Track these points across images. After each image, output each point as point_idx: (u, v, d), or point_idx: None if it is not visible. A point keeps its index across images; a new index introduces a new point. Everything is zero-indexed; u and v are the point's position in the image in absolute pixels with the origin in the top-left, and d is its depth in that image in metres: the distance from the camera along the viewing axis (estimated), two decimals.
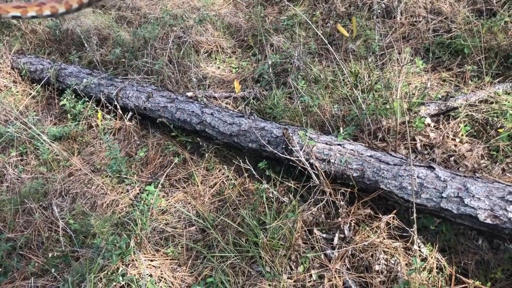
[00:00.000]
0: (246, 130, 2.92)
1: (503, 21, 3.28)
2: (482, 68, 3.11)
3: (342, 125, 2.94)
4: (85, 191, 3.15)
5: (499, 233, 1.96)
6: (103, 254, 2.51)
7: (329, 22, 4.19)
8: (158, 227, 2.77)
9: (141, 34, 4.44)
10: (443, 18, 3.68)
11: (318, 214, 2.55)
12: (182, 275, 2.47)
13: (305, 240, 2.46)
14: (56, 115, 4.11)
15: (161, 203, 2.94)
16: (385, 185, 2.30)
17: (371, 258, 2.27)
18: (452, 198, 2.06)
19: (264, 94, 3.56)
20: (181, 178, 3.13)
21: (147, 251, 2.59)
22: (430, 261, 2.18)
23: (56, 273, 2.57)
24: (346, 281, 2.22)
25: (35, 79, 4.47)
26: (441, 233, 2.30)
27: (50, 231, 2.90)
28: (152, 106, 3.50)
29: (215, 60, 4.31)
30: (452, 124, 2.84)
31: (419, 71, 3.33)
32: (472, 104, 2.90)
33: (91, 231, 2.74)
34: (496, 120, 2.75)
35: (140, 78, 4.01)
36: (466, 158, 2.63)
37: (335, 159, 2.51)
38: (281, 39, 4.09)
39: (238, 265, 2.42)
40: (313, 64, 3.63)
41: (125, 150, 3.48)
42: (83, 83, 3.95)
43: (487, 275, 2.12)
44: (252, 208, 2.67)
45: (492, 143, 2.66)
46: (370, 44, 3.64)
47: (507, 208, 1.92)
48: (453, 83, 3.21)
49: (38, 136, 3.47)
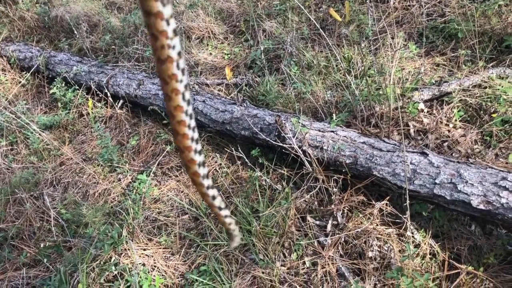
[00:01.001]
0: (239, 118, 2.89)
1: (497, 4, 3.25)
2: (476, 53, 3.09)
3: (335, 111, 2.92)
4: (76, 181, 3.12)
5: (492, 218, 1.96)
6: (95, 244, 2.49)
7: (322, 7, 4.13)
8: (150, 216, 2.75)
9: (132, 20, 4.37)
10: (436, 2, 3.64)
11: (311, 201, 2.54)
12: (175, 264, 2.46)
13: (298, 227, 2.45)
14: (46, 103, 4.06)
15: (153, 191, 2.92)
16: (378, 171, 2.29)
17: (364, 244, 2.26)
18: (445, 184, 2.05)
19: (256, 81, 3.52)
20: (173, 167, 3.10)
21: (139, 240, 2.58)
22: (423, 247, 2.18)
23: (48, 263, 2.56)
24: (340, 268, 2.22)
25: (24, 67, 4.40)
26: (434, 219, 2.30)
27: (41, 221, 2.87)
28: (143, 94, 3.45)
29: (207, 46, 4.26)
30: (445, 109, 2.83)
31: (412, 56, 3.30)
32: (466, 89, 2.88)
33: (83, 221, 2.72)
34: (490, 105, 2.73)
35: (130, 65, 3.96)
36: (460, 143, 2.62)
37: (328, 146, 2.49)
38: (273, 25, 4.04)
39: (231, 253, 2.41)
40: (306, 49, 3.59)
41: (116, 139, 3.45)
42: (73, 71, 3.90)
43: (479, 260, 2.12)
44: (245, 196, 2.65)
45: (485, 128, 2.65)
46: (363, 29, 3.60)
47: (500, 194, 1.91)
48: (447, 68, 3.18)
49: (28, 125, 3.42)
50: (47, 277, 2.50)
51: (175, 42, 0.52)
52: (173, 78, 0.54)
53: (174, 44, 0.52)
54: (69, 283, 2.37)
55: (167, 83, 0.54)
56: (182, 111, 0.58)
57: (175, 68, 0.53)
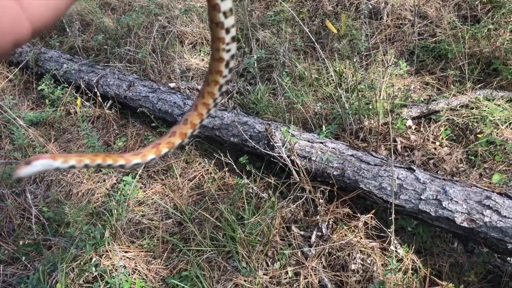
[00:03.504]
0: (229, 124, 2.89)
1: (486, 28, 3.32)
2: (464, 73, 3.15)
3: (325, 123, 2.94)
4: (60, 179, 3.07)
5: (475, 236, 1.98)
6: (76, 244, 2.45)
7: (315, 20, 4.18)
8: (134, 219, 2.72)
9: (125, 21, 4.36)
10: (428, 22, 3.71)
11: (297, 211, 2.54)
12: (157, 268, 2.44)
13: (282, 236, 2.45)
14: (33, 100, 4.01)
15: (138, 194, 2.89)
16: (365, 184, 2.31)
17: (348, 257, 2.27)
18: (431, 200, 2.07)
19: (248, 89, 3.53)
20: (159, 170, 3.08)
21: (122, 242, 2.55)
22: (405, 262, 2.19)
23: (26, 261, 2.51)
24: (322, 279, 2.22)
25: (13, 62, 4.35)
26: (417, 235, 2.32)
27: (22, 219, 2.82)
28: (133, 95, 3.44)
29: (199, 52, 4.26)
30: (433, 127, 2.87)
31: (403, 73, 3.35)
32: (453, 108, 2.93)
33: (65, 220, 2.68)
34: (476, 125, 2.78)
35: (122, 66, 3.94)
36: (445, 161, 2.65)
37: (317, 157, 2.50)
38: (267, 35, 4.06)
39: (214, 259, 2.40)
40: (298, 61, 3.62)
41: (103, 139, 3.41)
42: (63, 69, 3.86)
43: (460, 277, 2.14)
44: (231, 203, 2.64)
45: (471, 147, 2.69)
46: (356, 44, 3.64)
47: (484, 212, 1.94)
48: (436, 86, 3.24)
49: (14, 120, 3.37)
50: (24, 276, 2.45)
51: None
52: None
53: (229, 49, 0.60)
54: (47, 282, 2.32)
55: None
56: None
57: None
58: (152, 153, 0.63)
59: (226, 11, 0.56)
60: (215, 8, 0.55)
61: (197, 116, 0.64)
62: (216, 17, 0.56)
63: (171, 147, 0.64)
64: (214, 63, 0.60)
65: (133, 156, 0.61)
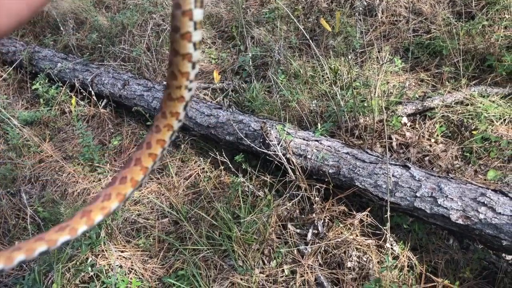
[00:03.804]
0: (224, 123, 2.89)
1: (481, 24, 3.32)
2: (459, 70, 3.15)
3: (320, 121, 2.94)
4: (55, 179, 3.06)
5: (470, 233, 1.99)
6: (72, 244, 2.44)
7: (310, 17, 4.17)
8: (130, 218, 2.72)
9: (120, 19, 4.34)
10: (423, 18, 3.71)
11: (293, 209, 2.54)
12: (153, 267, 2.43)
13: (278, 235, 2.45)
14: (28, 99, 3.99)
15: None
16: (360, 182, 2.31)
17: (344, 254, 2.28)
18: (426, 197, 2.07)
19: (243, 87, 3.52)
20: (155, 169, 3.07)
21: (117, 242, 2.54)
22: (401, 259, 2.20)
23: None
24: (318, 277, 2.22)
25: (6, 61, 4.32)
26: (413, 232, 2.32)
27: (17, 219, 2.81)
28: (128, 94, 3.42)
29: None
30: (428, 124, 2.87)
31: (397, 70, 3.35)
32: (448, 105, 2.94)
33: (61, 220, 2.67)
34: (471, 122, 2.79)
35: (116, 65, 3.92)
36: (441, 158, 2.66)
37: (312, 155, 2.50)
38: (262, 32, 4.05)
39: (210, 258, 2.40)
40: (293, 58, 3.61)
41: (98, 138, 3.40)
42: (58, 68, 3.84)
43: (456, 274, 2.15)
44: (227, 201, 2.64)
45: (466, 144, 2.70)
46: (351, 41, 3.64)
47: (479, 210, 1.94)
48: (431, 83, 3.24)
49: (8, 120, 3.36)
50: (20, 276, 2.44)
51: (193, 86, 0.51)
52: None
53: (191, 87, 0.51)
54: (43, 283, 2.32)
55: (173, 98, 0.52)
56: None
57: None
58: (83, 224, 0.52)
59: (196, 42, 0.48)
60: (184, 37, 0.47)
61: (140, 171, 0.54)
62: (185, 47, 0.47)
63: (107, 213, 0.53)
64: (171, 103, 0.51)
65: (58, 233, 0.50)
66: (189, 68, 0.49)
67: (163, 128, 0.52)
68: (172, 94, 0.50)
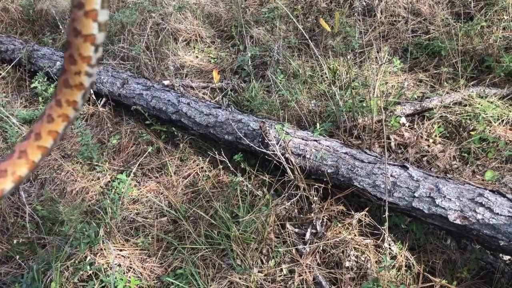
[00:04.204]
0: (223, 122, 2.89)
1: (479, 25, 3.33)
2: (457, 71, 3.16)
3: (319, 121, 2.95)
4: (54, 177, 3.06)
5: (467, 233, 2.00)
6: (70, 242, 2.45)
7: (309, 17, 4.18)
8: (128, 217, 2.72)
9: (119, 18, 4.34)
10: (422, 19, 3.72)
11: (291, 209, 2.55)
12: (152, 266, 2.44)
13: (277, 234, 2.46)
14: (26, 97, 3.99)
15: (132, 192, 2.89)
16: (359, 182, 2.32)
17: (342, 254, 2.28)
18: (424, 198, 2.08)
19: (242, 86, 3.53)
20: (154, 168, 3.08)
21: (116, 241, 2.55)
22: (399, 259, 2.21)
23: (20, 260, 2.50)
24: (316, 277, 2.23)
25: (5, 59, 4.32)
26: (411, 232, 2.33)
27: (16, 217, 2.81)
28: (127, 93, 3.42)
29: (193, 49, 4.25)
30: (426, 125, 2.88)
31: (396, 70, 3.36)
32: (447, 105, 2.95)
33: (59, 218, 2.67)
34: (469, 123, 2.80)
35: (115, 64, 3.92)
36: (439, 158, 2.67)
37: (311, 154, 2.51)
38: (261, 32, 4.06)
39: (209, 257, 2.40)
40: (292, 58, 3.62)
41: (97, 137, 3.40)
42: (57, 66, 3.84)
43: (453, 274, 2.16)
44: (226, 201, 2.65)
45: (464, 145, 2.71)
46: (350, 41, 3.65)
47: (476, 210, 1.95)
48: (429, 84, 3.25)
49: (7, 118, 3.36)
50: (18, 275, 2.45)
51: (94, 71, 0.45)
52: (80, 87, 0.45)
53: (92, 73, 0.44)
54: (42, 281, 2.32)
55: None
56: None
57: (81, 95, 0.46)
58: None
59: (101, 23, 0.43)
60: (88, 15, 0.42)
61: (26, 166, 0.48)
62: (89, 27, 0.42)
63: None
64: (68, 91, 0.45)
65: None
66: (91, 51, 0.43)
67: (57, 118, 0.46)
68: (70, 81, 0.45)
